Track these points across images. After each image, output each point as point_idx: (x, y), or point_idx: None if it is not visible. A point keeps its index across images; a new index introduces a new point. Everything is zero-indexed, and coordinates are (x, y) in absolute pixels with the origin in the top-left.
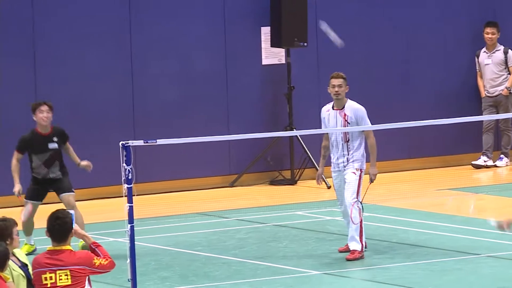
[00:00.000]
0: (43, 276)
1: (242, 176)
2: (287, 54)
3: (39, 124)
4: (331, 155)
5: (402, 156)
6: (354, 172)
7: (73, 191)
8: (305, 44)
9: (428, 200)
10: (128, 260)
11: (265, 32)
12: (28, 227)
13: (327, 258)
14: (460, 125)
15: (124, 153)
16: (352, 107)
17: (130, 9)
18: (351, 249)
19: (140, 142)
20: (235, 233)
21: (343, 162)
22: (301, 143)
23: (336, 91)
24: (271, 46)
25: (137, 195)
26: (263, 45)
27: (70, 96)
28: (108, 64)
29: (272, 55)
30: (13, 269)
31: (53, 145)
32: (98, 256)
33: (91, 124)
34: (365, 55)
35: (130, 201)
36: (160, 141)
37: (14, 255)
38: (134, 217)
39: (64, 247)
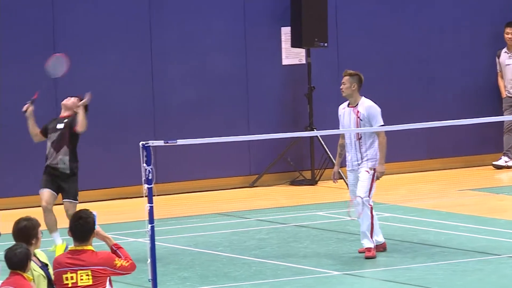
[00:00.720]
0: (64, 276)
1: (262, 176)
2: (308, 54)
3: (62, 107)
4: (346, 154)
5: (423, 156)
6: (367, 171)
7: (76, 200)
8: (325, 44)
9: (449, 200)
10: (149, 261)
11: (286, 32)
12: (50, 222)
13: (348, 259)
14: (481, 126)
15: (144, 153)
16: (365, 104)
17: (150, 9)
18: (365, 246)
19: (160, 143)
20: (256, 233)
21: (357, 160)
22: (321, 143)
23: (340, 88)
24: (292, 46)
25: (157, 195)
26: (283, 45)
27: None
28: (128, 65)
29: (292, 55)
30: (34, 269)
31: (60, 125)
32: (119, 258)
33: (112, 124)
34: (385, 56)
35: (150, 201)
36: (181, 141)
37: (35, 255)
38: (155, 218)
39: (85, 247)
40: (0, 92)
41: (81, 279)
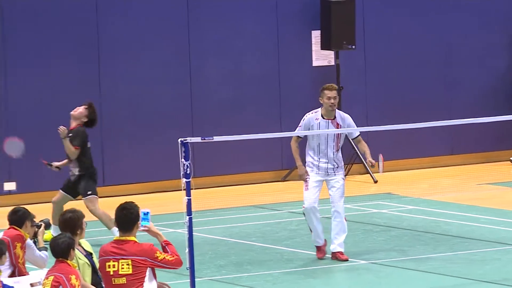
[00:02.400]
0: (107, 263)
1: (293, 171)
2: (336, 56)
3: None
4: (315, 159)
5: (445, 152)
6: (343, 178)
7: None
8: (353, 47)
9: (469, 194)
10: (187, 250)
11: (316, 35)
12: (105, 219)
13: (374, 249)
14: (499, 124)
15: (183, 149)
16: (342, 116)
17: (188, 14)
18: (341, 250)
19: (197, 139)
20: (287, 224)
21: (333, 168)
22: (349, 140)
23: (332, 103)
24: (321, 49)
25: (195, 188)
26: (313, 48)
27: (132, 96)
28: (168, 66)
29: (322, 57)
30: (79, 258)
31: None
32: (166, 252)
33: (152, 122)
34: (410, 58)
35: (188, 194)
36: (217, 138)
37: (80, 245)
38: (192, 209)
39: (128, 238)
40: (56, 89)
41: (122, 268)
